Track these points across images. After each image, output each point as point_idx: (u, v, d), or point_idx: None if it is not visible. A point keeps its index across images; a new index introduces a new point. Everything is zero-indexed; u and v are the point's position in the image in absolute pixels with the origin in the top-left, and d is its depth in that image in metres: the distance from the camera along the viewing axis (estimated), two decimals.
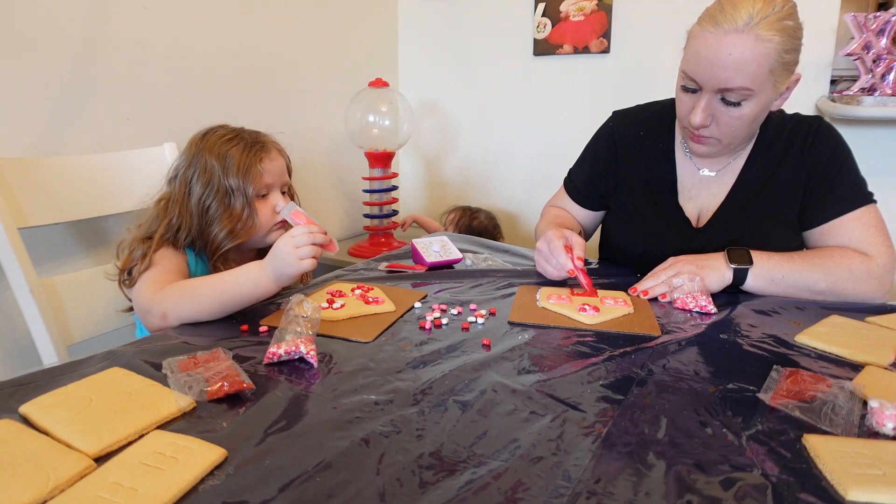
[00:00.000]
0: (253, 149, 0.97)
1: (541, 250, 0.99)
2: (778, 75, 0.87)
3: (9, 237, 1.01)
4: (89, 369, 0.66)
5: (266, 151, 0.99)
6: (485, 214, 2.00)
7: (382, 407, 0.59)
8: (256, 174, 0.96)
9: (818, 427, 0.55)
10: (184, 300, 0.82)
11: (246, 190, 0.95)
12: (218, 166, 0.95)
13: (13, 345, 1.17)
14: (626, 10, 1.84)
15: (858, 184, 0.97)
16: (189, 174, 0.97)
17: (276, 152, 1.02)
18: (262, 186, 0.98)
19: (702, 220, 1.04)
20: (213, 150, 0.96)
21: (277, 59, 1.76)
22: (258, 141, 1.00)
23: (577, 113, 1.99)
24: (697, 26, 0.89)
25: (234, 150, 0.96)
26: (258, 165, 0.96)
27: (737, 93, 0.87)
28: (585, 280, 0.92)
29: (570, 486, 0.47)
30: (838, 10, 1.55)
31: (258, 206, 0.98)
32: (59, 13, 1.21)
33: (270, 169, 0.99)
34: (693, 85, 0.91)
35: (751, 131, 0.95)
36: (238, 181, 0.95)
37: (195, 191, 0.96)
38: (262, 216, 0.98)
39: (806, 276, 0.92)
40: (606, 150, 1.15)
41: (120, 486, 0.45)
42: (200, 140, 0.99)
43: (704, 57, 0.87)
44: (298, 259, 0.82)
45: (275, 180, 1.00)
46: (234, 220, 0.95)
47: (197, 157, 0.97)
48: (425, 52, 2.27)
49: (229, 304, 0.83)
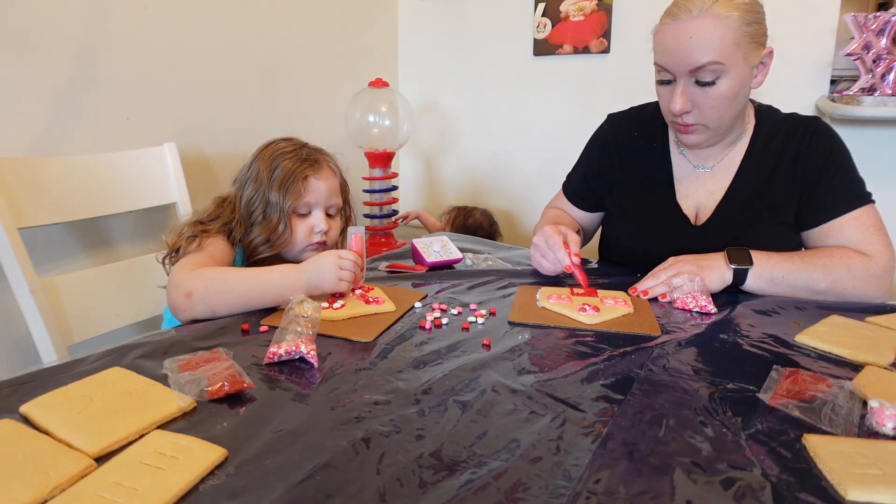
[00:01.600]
0: (303, 165, 0.98)
1: (537, 245, 0.99)
2: (746, 48, 0.89)
3: (9, 237, 1.01)
4: (89, 369, 0.66)
5: (316, 170, 0.99)
6: (480, 212, 2.00)
7: (382, 407, 0.59)
8: (297, 191, 0.97)
9: (818, 427, 0.55)
10: (213, 285, 0.83)
11: (283, 205, 0.96)
12: (265, 176, 0.97)
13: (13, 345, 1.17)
14: (626, 10, 1.84)
15: (857, 184, 0.97)
16: (245, 177, 1.01)
17: (328, 171, 1.02)
18: (301, 204, 0.98)
19: (700, 217, 1.04)
20: (266, 159, 0.99)
21: (278, 58, 1.76)
22: (312, 158, 1.01)
23: (576, 113, 1.99)
24: (658, 24, 0.94)
25: (284, 163, 0.98)
26: (301, 183, 0.97)
27: (707, 70, 0.89)
28: (582, 277, 0.92)
29: (570, 486, 0.47)
30: (838, 10, 1.55)
31: (296, 222, 0.99)
32: (59, 13, 1.21)
33: (315, 188, 0.99)
34: (667, 76, 0.94)
35: (735, 112, 0.96)
36: (278, 196, 0.96)
37: (246, 193, 0.99)
38: (298, 233, 0.99)
39: (806, 276, 0.92)
40: (601, 153, 1.16)
41: (120, 485, 0.45)
42: (264, 148, 1.02)
43: (668, 45, 0.91)
44: (338, 279, 0.84)
45: (319, 200, 1.00)
46: (269, 230, 0.97)
47: (254, 163, 1.01)
48: (425, 52, 2.27)
49: (256, 300, 0.84)
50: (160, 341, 0.75)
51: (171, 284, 0.86)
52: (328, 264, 0.85)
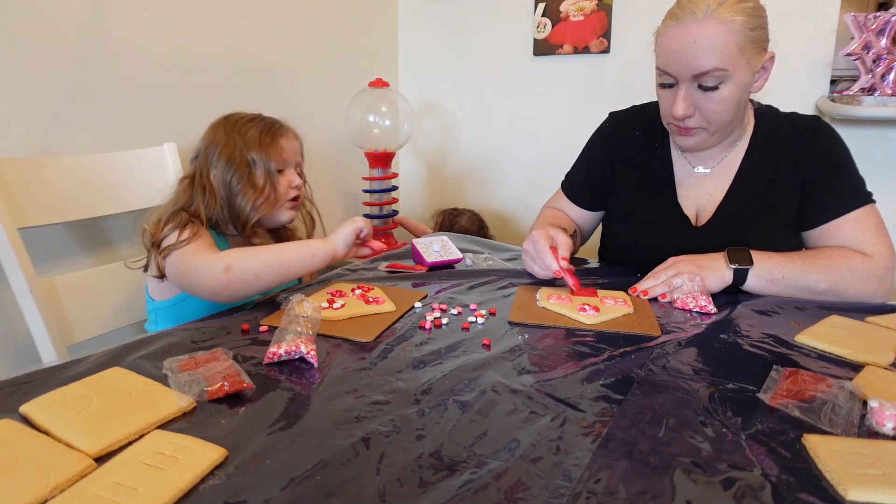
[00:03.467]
0: (272, 127, 1.05)
1: (527, 250, 0.99)
2: (749, 53, 0.89)
3: (9, 237, 1.01)
4: (89, 369, 0.66)
5: (284, 131, 1.06)
6: (468, 216, 1.99)
7: (382, 407, 0.59)
8: (277, 148, 1.03)
9: (818, 427, 0.55)
10: (250, 256, 0.89)
11: (267, 162, 1.01)
12: (239, 142, 1.01)
13: (13, 345, 1.17)
14: (626, 10, 1.84)
15: (857, 184, 0.97)
16: (210, 152, 1.02)
17: (291, 132, 1.09)
18: (280, 161, 1.04)
19: (700, 218, 1.04)
20: (234, 128, 1.03)
21: (277, 58, 1.76)
22: (275, 122, 1.07)
23: (576, 113, 1.99)
24: (661, 25, 0.93)
25: (254, 127, 1.03)
26: (278, 140, 1.03)
27: (711, 75, 0.89)
28: (572, 280, 0.91)
29: (570, 486, 0.47)
30: (838, 10, 1.55)
31: (277, 179, 1.03)
32: (58, 13, 1.21)
33: (288, 146, 1.06)
34: (669, 79, 0.93)
35: (735, 116, 0.96)
36: (259, 154, 1.01)
37: (218, 167, 1.01)
38: (280, 188, 1.04)
39: (806, 277, 0.91)
40: (602, 151, 1.16)
41: (120, 485, 0.45)
42: (223, 120, 1.05)
43: (672, 49, 0.90)
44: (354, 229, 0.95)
45: (291, 157, 1.06)
46: (257, 191, 1.01)
47: (217, 136, 1.03)
48: (425, 53, 2.27)
49: (289, 266, 0.90)
50: (160, 341, 0.75)
51: (199, 271, 0.88)
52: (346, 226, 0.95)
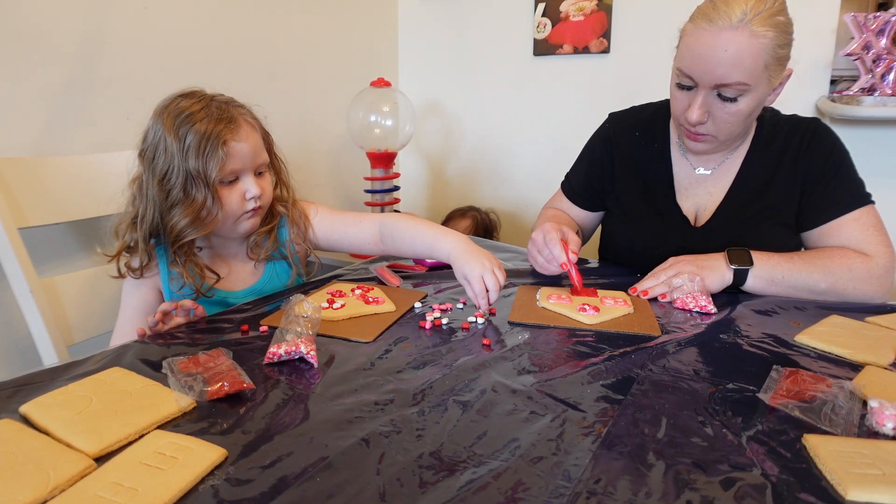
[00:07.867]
0: (217, 126, 0.83)
1: (535, 241, 0.99)
2: (772, 70, 0.88)
3: (9, 237, 1.01)
4: (89, 369, 0.66)
5: (234, 130, 0.85)
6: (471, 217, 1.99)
7: (382, 407, 0.59)
8: (219, 159, 0.82)
9: (818, 427, 0.55)
10: None
11: (207, 177, 0.83)
12: (176, 147, 0.82)
13: (13, 345, 1.17)
14: (626, 10, 1.84)
15: (856, 185, 0.97)
16: (150, 147, 0.85)
17: (247, 129, 0.88)
18: (227, 173, 0.85)
19: (700, 219, 1.04)
20: (170, 126, 0.83)
21: (278, 59, 1.76)
22: (226, 116, 0.85)
23: (577, 113, 1.99)
24: (691, 24, 0.90)
25: (196, 126, 0.82)
26: (221, 149, 0.83)
27: (733, 88, 0.87)
28: (577, 276, 0.92)
29: (570, 486, 0.47)
30: (838, 10, 1.54)
31: (224, 193, 0.86)
32: (59, 13, 1.21)
33: (238, 152, 0.85)
34: (689, 82, 0.91)
35: (746, 127, 0.96)
36: (198, 164, 0.82)
37: (159, 167, 0.84)
38: (228, 204, 0.87)
39: (806, 277, 0.91)
40: (602, 152, 1.16)
41: (120, 485, 0.45)
42: (163, 109, 0.86)
43: (700, 54, 0.87)
44: (482, 274, 0.83)
45: (245, 164, 0.87)
46: (194, 210, 0.83)
47: (156, 129, 0.85)
48: (425, 53, 2.27)
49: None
50: (160, 341, 0.75)
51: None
52: (487, 260, 0.84)
